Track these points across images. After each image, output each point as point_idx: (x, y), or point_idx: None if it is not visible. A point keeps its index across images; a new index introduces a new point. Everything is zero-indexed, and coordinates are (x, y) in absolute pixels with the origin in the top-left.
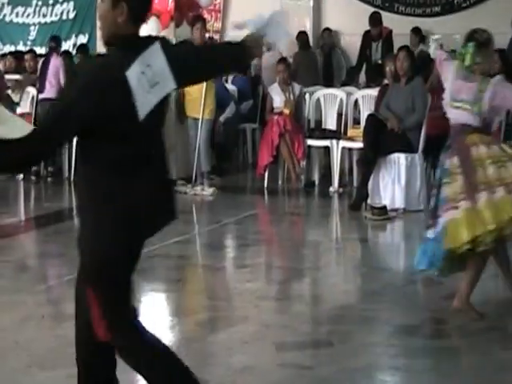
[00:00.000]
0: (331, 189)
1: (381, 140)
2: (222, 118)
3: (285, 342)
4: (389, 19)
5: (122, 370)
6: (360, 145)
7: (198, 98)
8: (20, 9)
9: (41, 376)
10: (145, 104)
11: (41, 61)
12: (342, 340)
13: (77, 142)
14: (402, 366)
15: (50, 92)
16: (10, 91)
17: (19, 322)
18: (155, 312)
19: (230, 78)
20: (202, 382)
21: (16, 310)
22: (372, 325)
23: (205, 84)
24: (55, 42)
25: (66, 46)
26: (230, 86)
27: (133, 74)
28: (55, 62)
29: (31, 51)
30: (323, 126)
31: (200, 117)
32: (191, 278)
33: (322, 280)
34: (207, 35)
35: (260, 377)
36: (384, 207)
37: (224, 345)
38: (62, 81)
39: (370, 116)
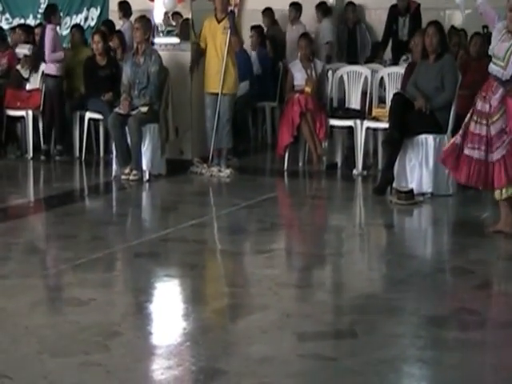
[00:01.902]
0: (355, 171)
1: (407, 120)
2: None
3: (306, 332)
4: None
5: (136, 358)
6: (385, 125)
7: (219, 72)
8: None
9: (52, 363)
10: None
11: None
12: (367, 330)
13: None
14: (430, 360)
15: (49, 68)
16: (19, 66)
17: (29, 307)
18: (169, 299)
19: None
20: (220, 373)
21: (26, 294)
22: (398, 315)
23: (226, 57)
24: (49, 11)
25: (77, 19)
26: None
27: None
28: (48, 33)
29: (41, 24)
30: (346, 105)
31: (219, 92)
32: (207, 263)
33: (345, 267)
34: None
35: (280, 368)
36: (410, 191)
37: (242, 334)
38: (47, 51)
39: (396, 95)
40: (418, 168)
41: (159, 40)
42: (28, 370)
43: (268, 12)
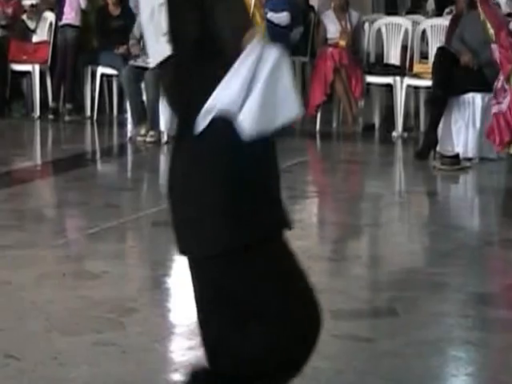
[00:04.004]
0: (394, 133)
1: (452, 77)
2: None
3: (341, 310)
4: None
5: (154, 338)
6: (428, 83)
7: None
8: None
9: (62, 342)
10: None
11: None
12: (407, 309)
13: None
14: (478, 341)
15: (70, 17)
16: (24, 17)
17: (36, 281)
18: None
19: None
20: None
21: (33, 266)
22: (442, 292)
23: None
24: None
25: None
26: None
27: None
28: None
29: None
30: (385, 61)
31: None
32: None
33: (384, 239)
34: None
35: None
36: (456, 156)
37: None
38: (83, 4)
39: (439, 49)
40: (464, 130)
41: None
42: (36, 349)
43: None
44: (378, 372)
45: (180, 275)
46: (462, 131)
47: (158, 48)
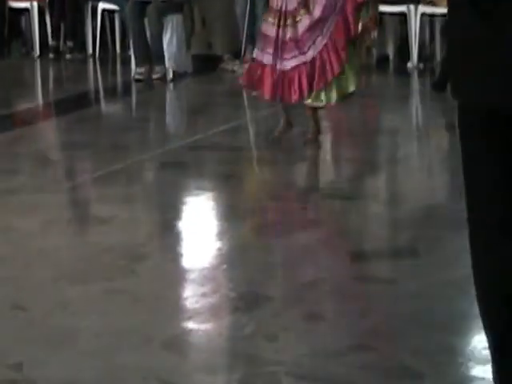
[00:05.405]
0: (409, 64)
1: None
2: None
3: (361, 251)
4: None
5: (166, 285)
6: (444, 10)
7: None
8: None
9: (72, 291)
10: None
11: None
12: (430, 248)
13: None
14: None
15: None
16: None
17: (42, 227)
18: (202, 215)
19: None
20: (262, 300)
21: (37, 212)
22: (466, 229)
23: None
24: None
25: None
26: None
27: None
28: None
29: None
30: None
31: None
32: (243, 173)
33: (403, 175)
34: None
35: (333, 292)
36: None
37: (287, 254)
38: None
39: None
40: None
41: None
42: (45, 298)
43: None
44: (402, 314)
45: (191, 219)
46: None
47: None
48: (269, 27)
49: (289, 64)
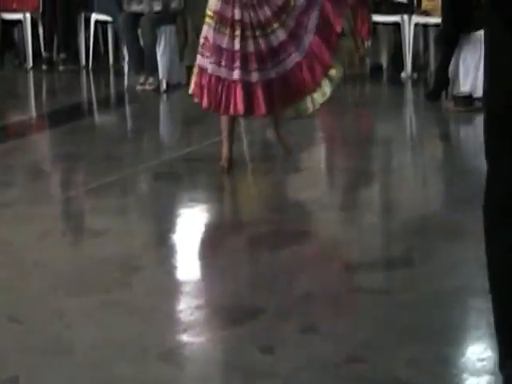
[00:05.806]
0: (403, 74)
1: (463, 13)
2: None
3: (354, 262)
4: None
5: (160, 297)
6: (437, 20)
7: None
8: None
9: (67, 302)
10: None
11: None
12: (424, 258)
13: None
14: None
15: None
16: None
17: (37, 240)
18: (195, 227)
19: None
20: (257, 312)
21: (32, 224)
22: (461, 239)
23: None
24: None
25: None
26: None
27: None
28: None
29: None
30: None
31: None
32: (238, 185)
33: (397, 185)
34: None
35: (327, 305)
36: (469, 96)
37: (281, 266)
38: None
39: None
40: (473, 70)
41: None
42: (40, 311)
43: None
44: (397, 325)
45: (185, 230)
46: (471, 71)
47: None
48: (220, 37)
49: (256, 76)
